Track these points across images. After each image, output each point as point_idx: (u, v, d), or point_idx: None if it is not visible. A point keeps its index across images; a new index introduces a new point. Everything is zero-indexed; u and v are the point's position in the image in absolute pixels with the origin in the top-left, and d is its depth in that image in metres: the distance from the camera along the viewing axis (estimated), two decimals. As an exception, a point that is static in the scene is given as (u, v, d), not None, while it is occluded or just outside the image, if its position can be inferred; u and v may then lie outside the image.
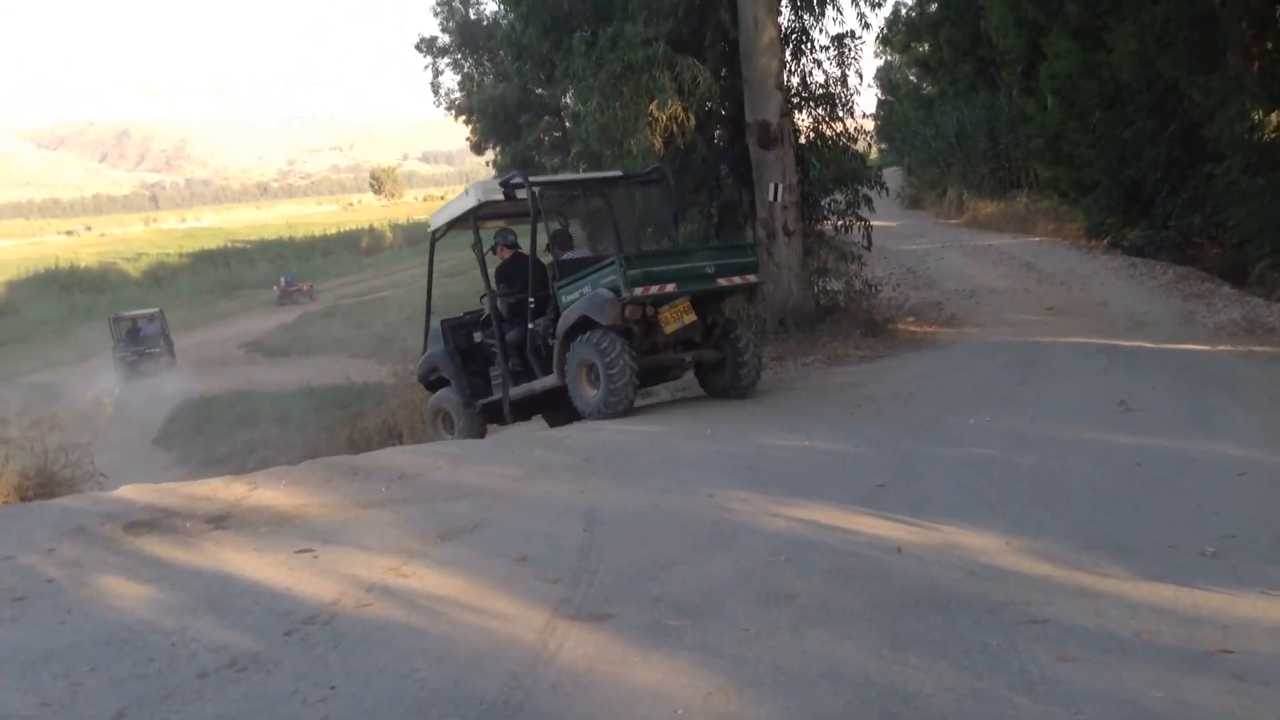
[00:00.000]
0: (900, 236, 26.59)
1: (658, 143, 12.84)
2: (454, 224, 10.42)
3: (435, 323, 10.82)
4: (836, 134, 14.30)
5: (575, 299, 9.05)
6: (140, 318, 35.94)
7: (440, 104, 35.65)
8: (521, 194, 9.45)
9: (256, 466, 18.53)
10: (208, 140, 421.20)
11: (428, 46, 34.06)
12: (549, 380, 9.42)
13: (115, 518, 5.42)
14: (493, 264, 10.34)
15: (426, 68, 34.55)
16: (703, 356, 9.52)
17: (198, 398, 26.49)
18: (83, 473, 9.54)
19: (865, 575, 4.59)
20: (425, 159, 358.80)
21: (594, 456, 7.10)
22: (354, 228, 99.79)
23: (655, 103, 12.61)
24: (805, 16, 14.19)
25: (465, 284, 37.13)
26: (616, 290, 8.63)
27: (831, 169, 14.30)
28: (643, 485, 6.25)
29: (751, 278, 9.43)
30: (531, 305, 9.73)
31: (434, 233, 10.91)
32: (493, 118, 31.71)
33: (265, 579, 4.52)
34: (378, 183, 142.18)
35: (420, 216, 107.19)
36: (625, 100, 12.87)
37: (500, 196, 9.61)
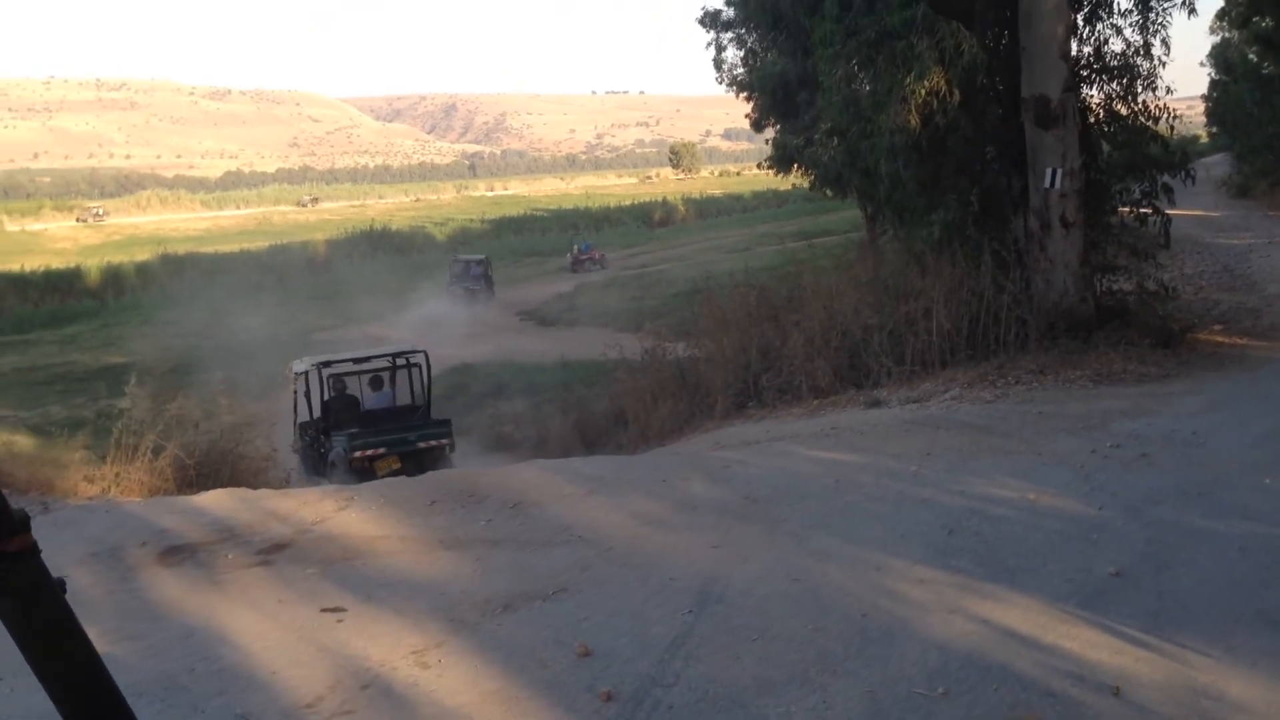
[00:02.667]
0: (1220, 229, 23.40)
1: (914, 119, 11.25)
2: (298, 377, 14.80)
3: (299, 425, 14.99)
4: (1134, 112, 12.16)
5: (335, 446, 13.08)
6: (472, 261, 43.92)
7: (723, 80, 34.50)
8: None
9: (491, 444, 18.39)
10: (526, 114, 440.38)
11: (711, 21, 33.01)
12: None
13: (164, 537, 4.75)
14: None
15: (709, 44, 33.44)
16: None
17: (460, 364, 26.69)
18: (256, 451, 9.23)
19: (1051, 734, 3.19)
20: (727, 135, 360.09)
21: (758, 495, 5.86)
22: (648, 200, 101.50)
23: (912, 74, 11.02)
24: (1103, -28, 12.12)
25: (739, 262, 36.24)
26: (346, 450, 12.55)
27: (1124, 152, 12.19)
28: (797, 545, 4.98)
29: (444, 441, 13.25)
30: (323, 438, 13.84)
31: (295, 375, 14.95)
32: (772, 94, 30.36)
33: (258, 653, 3.66)
34: (676, 157, 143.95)
35: (714, 191, 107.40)
36: (878, 71, 11.36)
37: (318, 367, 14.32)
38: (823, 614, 4.11)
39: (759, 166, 32.70)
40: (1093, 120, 12.23)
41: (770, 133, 34.30)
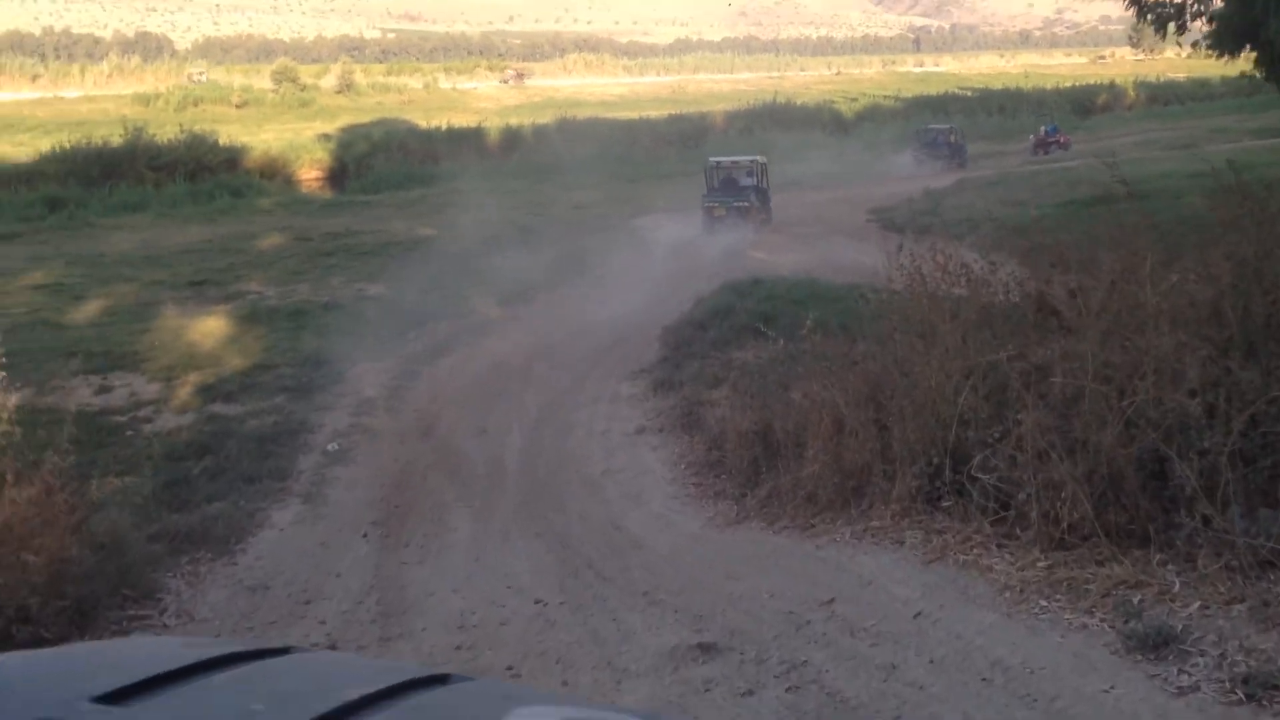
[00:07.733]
0: None
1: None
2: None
3: None
4: None
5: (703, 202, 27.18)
6: (937, 130, 44.44)
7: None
8: None
9: (682, 416, 12.88)
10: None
11: None
12: None
13: None
14: None
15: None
16: None
17: (752, 278, 20.79)
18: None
19: None
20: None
21: None
22: (1094, 82, 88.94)
23: None
24: None
25: (1178, 163, 27.62)
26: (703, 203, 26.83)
27: None
28: None
29: (745, 204, 26.19)
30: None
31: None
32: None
33: None
34: (1136, 34, 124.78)
35: (1176, 75, 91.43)
36: None
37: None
38: None
39: (1194, 47, 23.74)
40: None
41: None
